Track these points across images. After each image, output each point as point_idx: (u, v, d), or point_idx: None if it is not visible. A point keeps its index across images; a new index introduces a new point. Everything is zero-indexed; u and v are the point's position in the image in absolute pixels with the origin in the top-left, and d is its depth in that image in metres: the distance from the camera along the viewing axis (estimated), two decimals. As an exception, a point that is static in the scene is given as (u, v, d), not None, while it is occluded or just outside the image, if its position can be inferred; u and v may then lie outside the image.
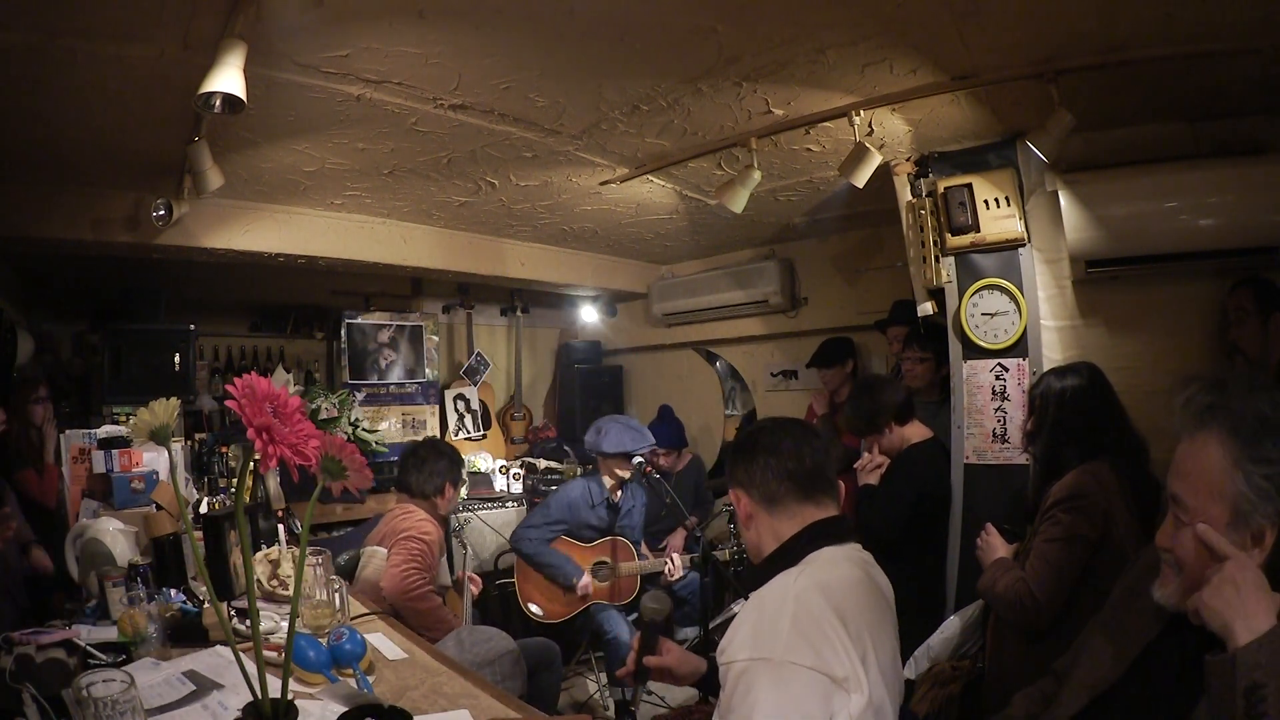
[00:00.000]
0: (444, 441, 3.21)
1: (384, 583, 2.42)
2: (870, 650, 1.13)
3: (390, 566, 2.45)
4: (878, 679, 1.12)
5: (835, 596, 1.16)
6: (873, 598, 1.24)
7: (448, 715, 1.42)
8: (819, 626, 1.10)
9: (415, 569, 2.44)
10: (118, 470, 2.42)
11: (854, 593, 1.20)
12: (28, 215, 2.74)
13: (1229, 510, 0.99)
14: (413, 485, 2.72)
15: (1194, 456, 1.03)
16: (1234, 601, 0.91)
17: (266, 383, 0.91)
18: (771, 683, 1.07)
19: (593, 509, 3.30)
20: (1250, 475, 0.97)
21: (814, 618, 1.11)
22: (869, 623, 1.17)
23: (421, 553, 2.48)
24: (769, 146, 2.60)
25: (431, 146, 2.58)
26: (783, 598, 1.15)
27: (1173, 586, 1.06)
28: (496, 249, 4.00)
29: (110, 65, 1.86)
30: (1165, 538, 1.08)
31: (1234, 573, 0.93)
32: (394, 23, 1.76)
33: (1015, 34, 1.89)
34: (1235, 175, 2.26)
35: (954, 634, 2.02)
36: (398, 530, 2.54)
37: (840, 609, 1.14)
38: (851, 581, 1.22)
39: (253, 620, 0.99)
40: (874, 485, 2.53)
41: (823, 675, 1.06)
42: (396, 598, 2.38)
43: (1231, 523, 0.99)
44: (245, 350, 4.45)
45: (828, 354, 3.66)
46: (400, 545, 2.48)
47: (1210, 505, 1.00)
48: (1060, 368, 2.07)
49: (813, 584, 1.17)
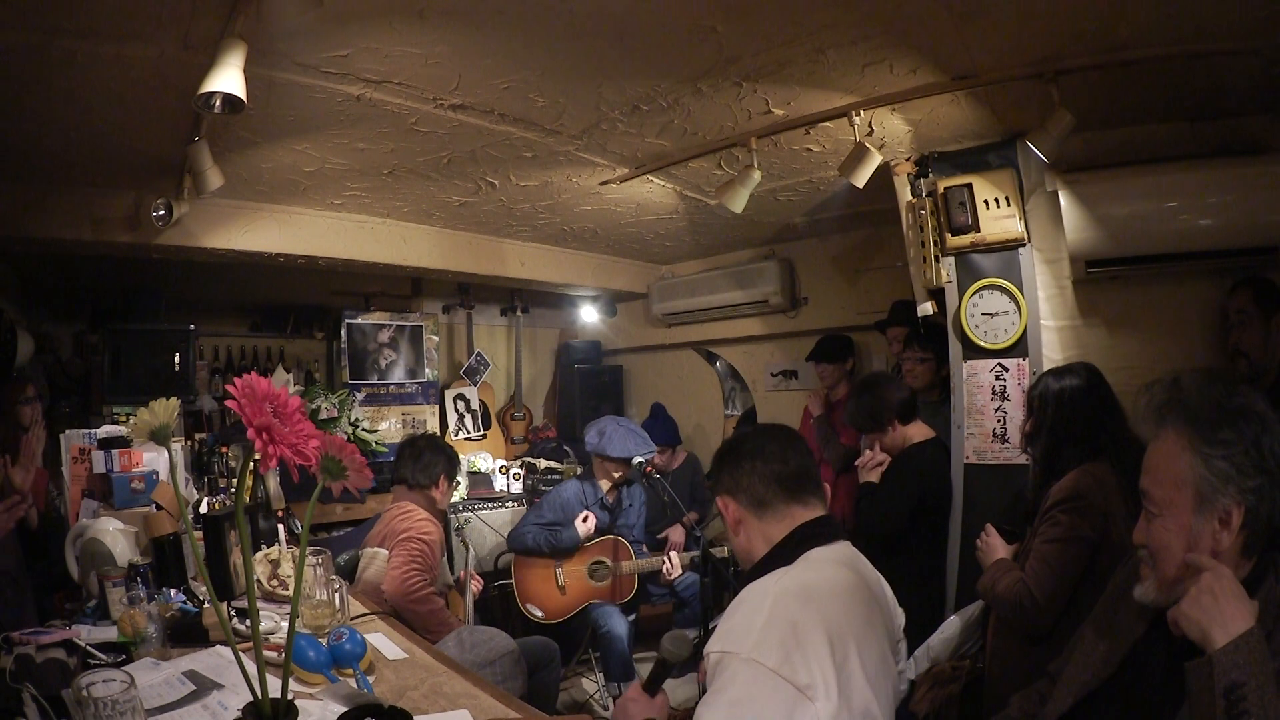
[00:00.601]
0: (441, 439, 3.22)
1: (385, 585, 2.42)
2: (853, 656, 1.12)
3: (391, 568, 2.45)
4: (862, 684, 1.11)
5: (816, 600, 1.16)
6: (859, 599, 1.23)
7: (448, 715, 1.42)
8: (793, 630, 1.10)
9: (416, 570, 2.43)
10: (118, 470, 2.42)
11: (839, 596, 1.20)
12: (28, 215, 2.74)
13: (1193, 495, 1.03)
14: (408, 477, 2.73)
15: (1157, 451, 1.09)
16: (1211, 610, 0.94)
17: (266, 383, 0.91)
18: (736, 677, 1.08)
19: (587, 509, 3.30)
20: (1209, 459, 1.02)
21: (788, 620, 1.11)
22: (854, 626, 1.16)
23: (422, 553, 2.48)
24: (769, 146, 2.60)
25: (431, 146, 2.58)
26: (763, 595, 1.16)
27: (1150, 582, 1.10)
28: (496, 249, 4.00)
29: (110, 65, 1.86)
30: (1140, 534, 1.12)
31: (1211, 583, 0.96)
32: (394, 23, 1.76)
33: (1015, 34, 1.89)
34: (1235, 175, 2.26)
35: (954, 634, 2.02)
36: (397, 531, 2.54)
37: (820, 613, 1.13)
38: (837, 584, 1.22)
39: (253, 620, 0.99)
40: (875, 483, 2.53)
41: (785, 681, 1.06)
42: (398, 600, 2.38)
43: (1197, 508, 1.03)
44: (245, 350, 4.45)
45: (828, 349, 3.65)
46: (400, 546, 2.48)
47: (1175, 493, 1.05)
48: (1058, 368, 2.07)
49: (795, 585, 1.18)
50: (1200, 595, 0.96)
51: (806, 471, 1.33)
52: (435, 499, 2.75)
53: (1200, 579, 0.98)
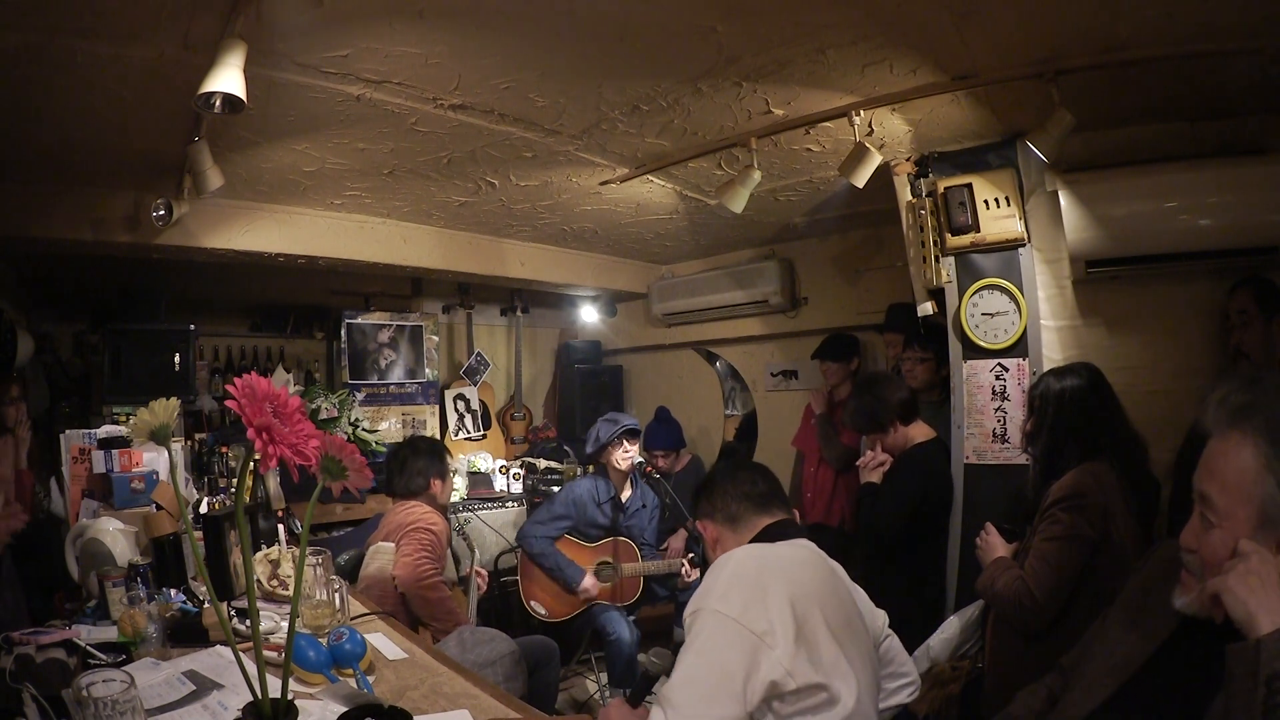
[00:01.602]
0: (422, 437, 3.19)
1: (397, 570, 2.43)
2: (815, 611, 1.24)
3: (402, 556, 2.46)
4: (827, 638, 1.23)
5: (775, 562, 1.32)
6: (821, 569, 1.39)
7: (448, 715, 1.42)
8: (753, 584, 1.24)
9: (427, 558, 2.46)
10: (118, 470, 2.42)
11: (799, 563, 1.36)
12: (28, 215, 2.73)
13: (1257, 513, 0.96)
14: (398, 488, 2.74)
15: (1225, 456, 1.00)
16: (1260, 593, 0.90)
17: (266, 383, 0.91)
18: (704, 628, 1.21)
19: (599, 506, 3.31)
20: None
21: (749, 575, 1.26)
22: (815, 589, 1.30)
23: (431, 543, 2.50)
24: (769, 146, 2.60)
25: (431, 146, 2.58)
26: (728, 559, 1.33)
27: (1194, 594, 1.03)
28: (496, 249, 4.00)
29: (110, 65, 1.86)
30: (1191, 537, 1.05)
31: (1259, 566, 0.91)
32: (394, 23, 1.76)
33: (1015, 34, 1.89)
34: (1235, 175, 2.26)
35: (954, 634, 2.02)
36: (405, 524, 2.56)
37: (783, 573, 1.28)
38: (796, 555, 1.39)
39: (253, 620, 0.99)
40: (876, 483, 2.53)
41: (745, 628, 1.18)
42: (410, 586, 2.39)
43: (1259, 526, 0.96)
44: (245, 350, 4.45)
45: (835, 348, 3.64)
46: (410, 536, 2.50)
47: (1238, 507, 0.98)
48: (1059, 368, 2.07)
49: (757, 550, 1.38)
50: (1248, 575, 0.91)
51: (774, 493, 1.54)
52: (435, 496, 2.76)
53: (1249, 558, 0.92)
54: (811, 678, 1.17)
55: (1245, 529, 0.97)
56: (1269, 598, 0.89)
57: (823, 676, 1.18)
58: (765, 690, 1.16)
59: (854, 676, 1.21)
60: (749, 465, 1.64)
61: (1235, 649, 0.91)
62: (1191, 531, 1.04)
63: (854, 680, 1.21)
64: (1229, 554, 0.97)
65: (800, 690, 1.17)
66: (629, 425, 3.27)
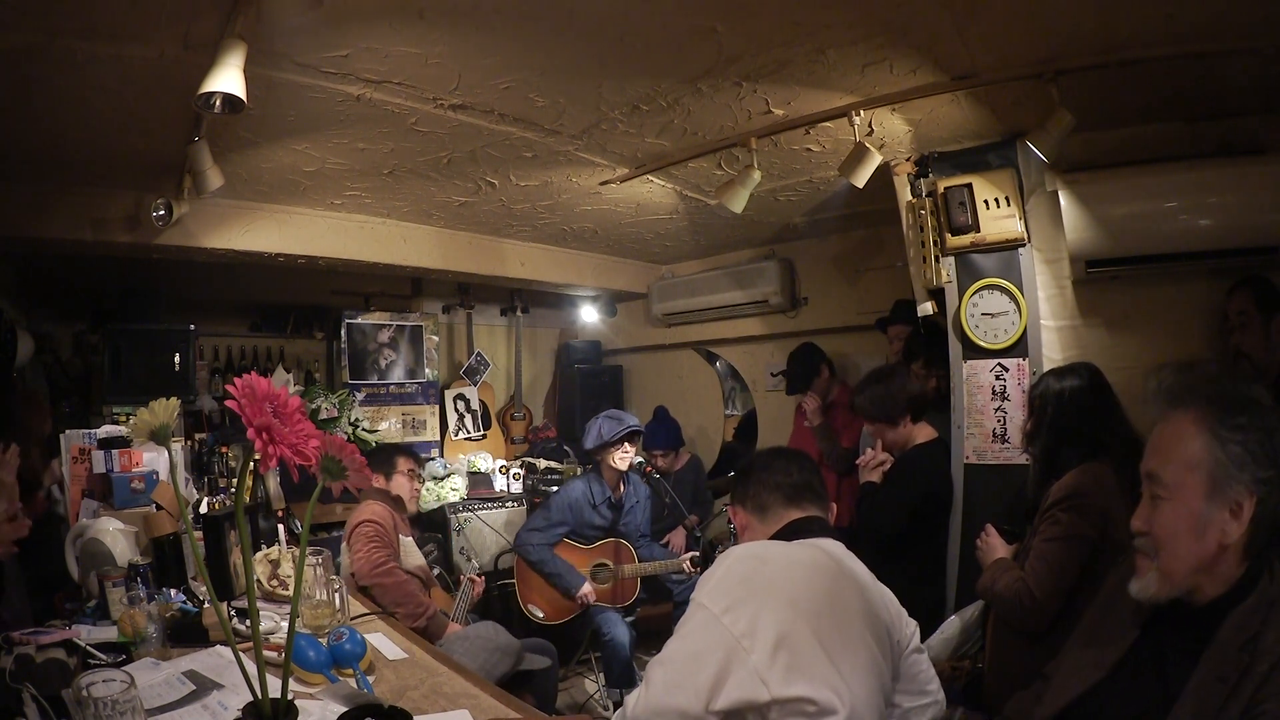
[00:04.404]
0: (385, 445, 3.25)
1: (354, 569, 2.49)
2: (804, 623, 1.18)
3: (355, 554, 2.52)
4: (819, 655, 1.16)
5: (769, 564, 1.27)
6: (826, 575, 1.31)
7: (448, 715, 1.42)
8: (743, 583, 1.22)
9: (376, 547, 2.50)
10: (118, 470, 2.42)
11: (801, 566, 1.29)
12: (28, 215, 2.74)
13: (1206, 479, 1.00)
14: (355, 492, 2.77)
15: (1170, 432, 1.05)
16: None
17: (266, 383, 0.91)
18: (692, 618, 1.21)
19: (594, 508, 3.30)
20: (1226, 442, 0.99)
21: (741, 575, 1.24)
22: (814, 598, 1.24)
23: (377, 533, 2.55)
24: (769, 146, 2.60)
25: (431, 146, 2.58)
26: (728, 554, 1.31)
27: (1150, 575, 1.05)
28: (496, 249, 4.00)
29: (110, 65, 1.86)
30: (1141, 521, 1.07)
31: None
32: (394, 23, 1.76)
33: (1015, 34, 1.89)
34: (1235, 175, 2.26)
35: (954, 634, 2.02)
36: (351, 525, 2.63)
37: (782, 576, 1.24)
38: (803, 558, 1.31)
39: (253, 620, 0.99)
40: (876, 483, 2.53)
41: (725, 628, 1.16)
42: (367, 578, 2.44)
43: (1209, 494, 0.99)
44: (245, 350, 4.45)
45: (798, 376, 3.61)
46: (357, 533, 2.56)
47: (1186, 476, 1.01)
48: (1059, 368, 2.07)
49: (758, 549, 1.33)
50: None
51: (809, 485, 1.48)
52: (388, 490, 2.79)
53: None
54: (791, 690, 1.12)
55: (1196, 497, 1.00)
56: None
57: (806, 688, 1.12)
58: (737, 703, 1.12)
59: (846, 689, 1.15)
60: (788, 454, 1.56)
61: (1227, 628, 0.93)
62: (1141, 515, 1.08)
63: (847, 692, 1.15)
64: (1181, 526, 1.01)
65: (782, 702, 1.12)
66: (633, 427, 3.24)
